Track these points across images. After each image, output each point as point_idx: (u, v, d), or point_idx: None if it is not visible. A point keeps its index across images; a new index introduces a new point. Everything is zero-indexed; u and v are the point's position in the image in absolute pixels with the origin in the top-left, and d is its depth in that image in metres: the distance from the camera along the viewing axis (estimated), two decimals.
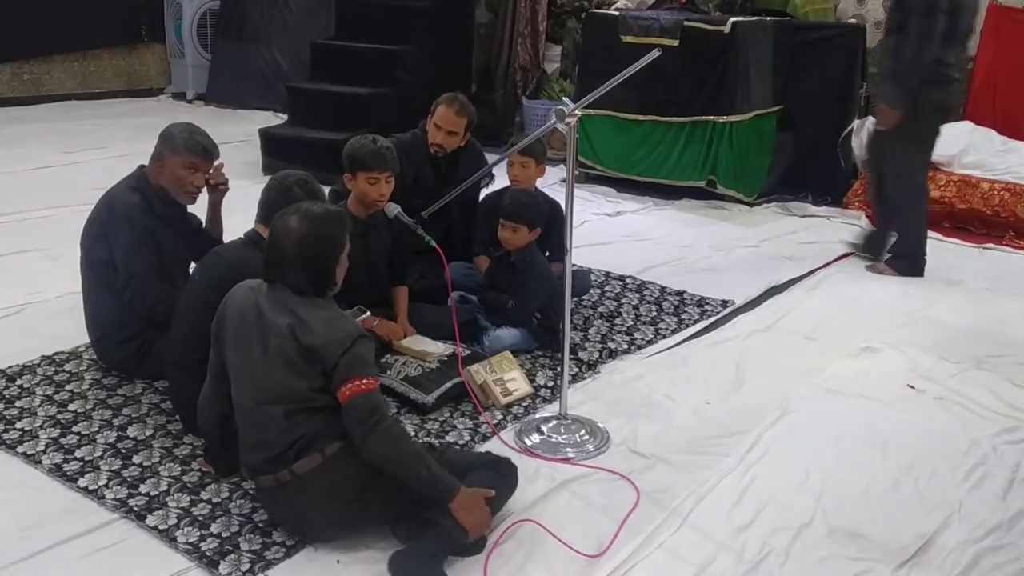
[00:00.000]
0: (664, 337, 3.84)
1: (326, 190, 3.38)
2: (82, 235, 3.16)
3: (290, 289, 2.32)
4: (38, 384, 3.15)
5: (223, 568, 2.25)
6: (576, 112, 2.68)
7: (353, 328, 2.31)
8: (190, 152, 3.08)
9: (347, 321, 2.36)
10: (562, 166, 3.91)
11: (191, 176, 3.10)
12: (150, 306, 3.04)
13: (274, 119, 7.70)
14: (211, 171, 3.17)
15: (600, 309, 4.07)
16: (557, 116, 2.69)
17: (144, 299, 3.03)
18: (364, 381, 2.24)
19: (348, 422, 2.24)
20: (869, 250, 4.95)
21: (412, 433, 2.91)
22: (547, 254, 3.77)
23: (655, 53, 2.63)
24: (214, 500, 2.52)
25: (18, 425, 2.89)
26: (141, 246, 3.04)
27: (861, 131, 6.10)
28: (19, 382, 3.16)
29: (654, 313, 4.08)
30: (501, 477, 2.45)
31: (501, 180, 4.10)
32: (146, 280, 3.03)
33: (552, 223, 3.74)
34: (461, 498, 2.27)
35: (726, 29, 5.62)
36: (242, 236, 2.86)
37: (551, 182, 5.65)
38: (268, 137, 6.43)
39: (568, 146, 2.79)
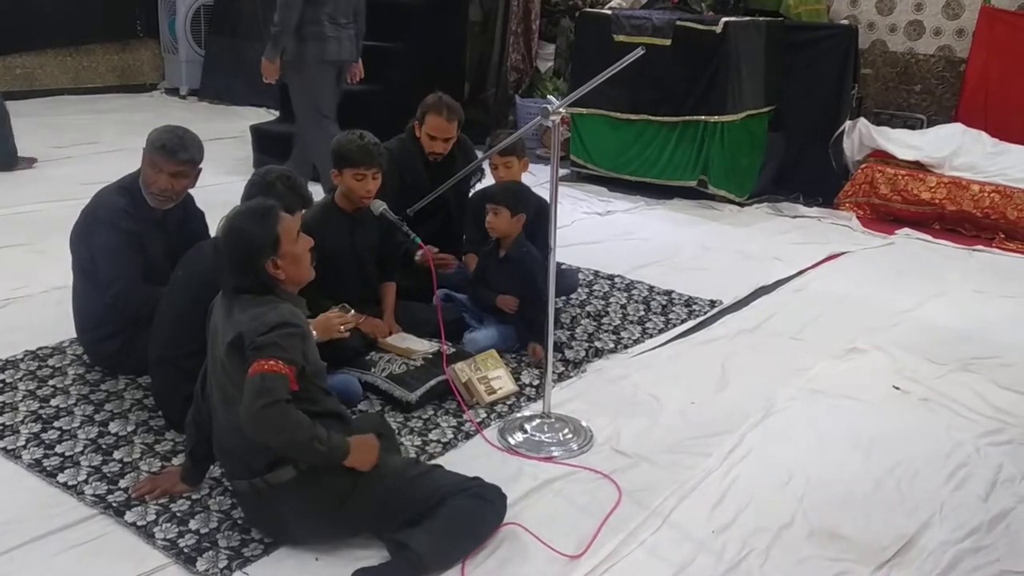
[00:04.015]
0: (651, 336, 3.84)
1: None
2: (71, 231, 3.14)
3: (232, 291, 2.27)
4: (20, 379, 3.14)
5: (200, 564, 2.24)
6: (560, 110, 2.68)
7: (277, 318, 2.18)
8: (152, 149, 3.00)
9: (276, 314, 2.19)
10: None
11: (155, 175, 3.00)
12: (137, 309, 3.01)
13: (266, 115, 7.70)
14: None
15: (588, 308, 4.07)
16: (542, 114, 2.69)
17: (128, 302, 3.01)
18: (268, 363, 2.11)
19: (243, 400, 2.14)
20: (295, 164, 5.26)
21: (395, 430, 2.89)
22: None
23: (638, 52, 2.64)
24: (193, 496, 2.50)
25: None
26: (126, 248, 3.01)
27: (853, 132, 6.12)
28: (1, 376, 3.15)
29: (642, 312, 4.08)
30: (486, 504, 2.36)
31: (491, 177, 4.10)
32: (131, 284, 3.01)
33: (539, 221, 3.73)
34: (352, 457, 2.22)
35: (718, 29, 5.62)
36: None
37: (541, 180, 5.65)
38: (260, 133, 6.41)
39: (553, 143, 2.78)
